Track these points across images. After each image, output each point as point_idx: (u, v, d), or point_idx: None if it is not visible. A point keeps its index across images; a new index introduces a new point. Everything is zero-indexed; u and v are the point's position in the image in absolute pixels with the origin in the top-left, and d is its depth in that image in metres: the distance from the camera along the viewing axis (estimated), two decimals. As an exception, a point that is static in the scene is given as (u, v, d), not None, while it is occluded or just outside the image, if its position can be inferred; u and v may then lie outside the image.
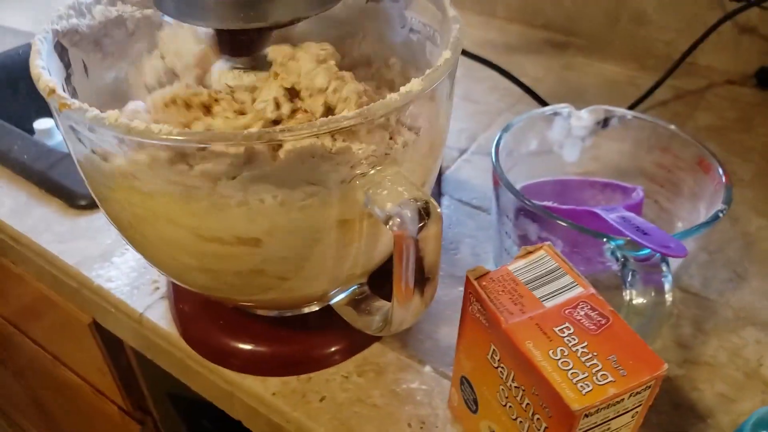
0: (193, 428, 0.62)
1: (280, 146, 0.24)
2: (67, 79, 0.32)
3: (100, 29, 0.33)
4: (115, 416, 0.65)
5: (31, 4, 0.90)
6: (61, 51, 0.31)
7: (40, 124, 0.70)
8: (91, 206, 0.49)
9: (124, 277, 0.43)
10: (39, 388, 0.84)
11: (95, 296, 0.44)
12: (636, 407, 0.25)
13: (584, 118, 0.43)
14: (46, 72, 0.27)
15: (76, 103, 0.25)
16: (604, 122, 0.43)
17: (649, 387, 0.24)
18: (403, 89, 0.25)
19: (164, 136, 0.23)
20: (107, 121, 0.23)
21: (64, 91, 0.30)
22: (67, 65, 0.32)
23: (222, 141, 0.23)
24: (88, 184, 0.30)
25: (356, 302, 0.33)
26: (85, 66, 0.33)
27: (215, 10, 0.25)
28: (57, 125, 0.28)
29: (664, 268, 0.31)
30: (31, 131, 0.67)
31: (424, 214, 0.24)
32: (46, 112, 0.74)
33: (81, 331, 0.54)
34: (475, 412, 0.31)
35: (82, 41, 0.32)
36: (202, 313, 0.39)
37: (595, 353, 0.24)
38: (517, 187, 0.43)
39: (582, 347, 0.25)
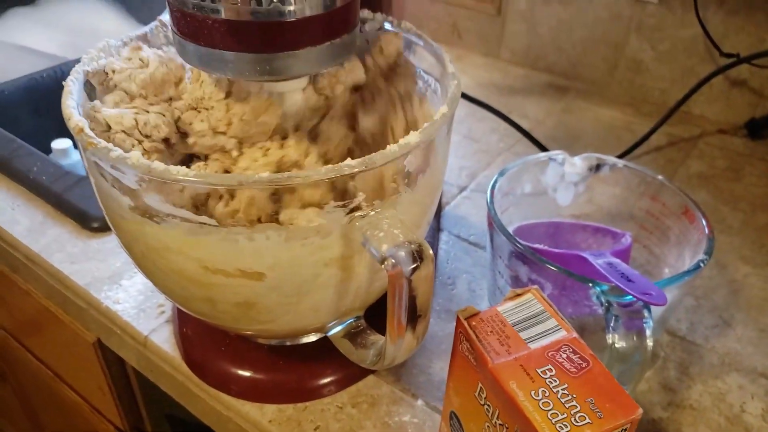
0: (189, 450, 0.63)
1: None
2: (93, 115, 0.34)
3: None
4: (112, 435, 0.66)
5: (56, 28, 0.93)
6: (90, 89, 0.33)
7: (58, 143, 0.73)
8: (104, 229, 0.51)
9: (132, 299, 0.45)
10: (37, 404, 0.85)
11: (102, 317, 0.45)
12: (612, 448, 0.26)
13: (577, 164, 0.45)
14: (76, 112, 0.29)
15: (102, 142, 0.27)
16: (597, 169, 0.45)
17: (625, 430, 0.25)
18: (402, 141, 0.27)
19: (181, 177, 0.25)
20: (129, 161, 0.26)
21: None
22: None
23: (234, 185, 0.25)
24: (105, 213, 0.32)
25: (352, 335, 0.35)
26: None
27: (235, 63, 0.28)
28: (82, 158, 0.30)
29: (646, 314, 0.32)
30: (49, 150, 0.70)
31: (418, 256, 0.26)
32: (64, 133, 0.77)
33: (85, 349, 0.56)
34: (462, 446, 0.32)
35: (108, 80, 0.35)
36: (204, 339, 0.41)
37: (574, 395, 0.26)
38: (512, 227, 0.45)
39: (562, 389, 0.26)
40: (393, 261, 0.26)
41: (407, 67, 0.36)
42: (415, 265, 0.26)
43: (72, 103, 0.30)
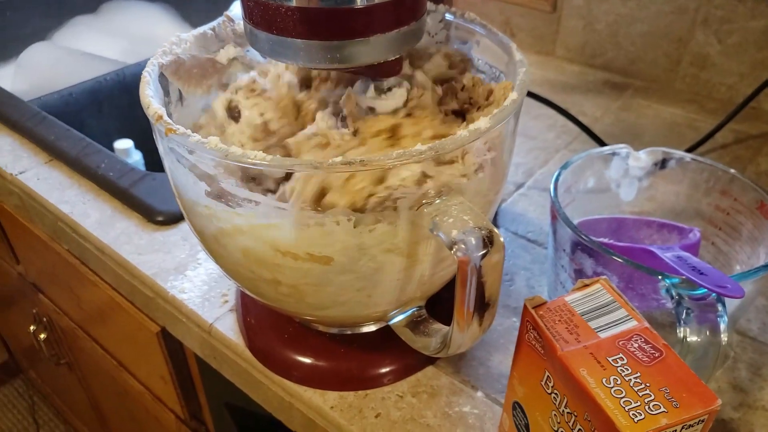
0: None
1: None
2: (166, 106, 0.35)
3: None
4: (171, 424, 0.68)
5: (116, 35, 0.98)
6: (163, 81, 0.34)
7: (120, 144, 0.77)
8: (168, 222, 0.53)
9: (196, 289, 0.47)
10: (100, 393, 0.89)
11: (169, 306, 0.47)
12: (688, 441, 0.25)
13: (642, 159, 0.44)
14: (154, 100, 0.30)
15: (181, 129, 0.28)
16: (662, 164, 0.44)
17: (702, 421, 0.25)
18: (471, 126, 0.27)
19: (258, 161, 0.26)
20: (208, 146, 0.27)
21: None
22: (167, 93, 0.35)
23: (306, 168, 0.26)
24: (178, 199, 0.33)
25: (414, 324, 0.35)
26: (181, 95, 0.37)
27: (306, 51, 0.28)
28: (156, 144, 0.31)
29: (720, 308, 0.31)
30: (111, 150, 0.73)
31: (488, 242, 0.26)
32: (125, 134, 0.81)
33: (148, 339, 0.58)
34: (525, 437, 0.32)
35: (179, 71, 0.36)
36: (267, 327, 0.41)
37: (647, 384, 0.25)
38: (574, 222, 0.44)
39: (635, 377, 0.25)
40: (463, 246, 0.26)
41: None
42: (485, 251, 0.26)
43: (150, 92, 0.31)
